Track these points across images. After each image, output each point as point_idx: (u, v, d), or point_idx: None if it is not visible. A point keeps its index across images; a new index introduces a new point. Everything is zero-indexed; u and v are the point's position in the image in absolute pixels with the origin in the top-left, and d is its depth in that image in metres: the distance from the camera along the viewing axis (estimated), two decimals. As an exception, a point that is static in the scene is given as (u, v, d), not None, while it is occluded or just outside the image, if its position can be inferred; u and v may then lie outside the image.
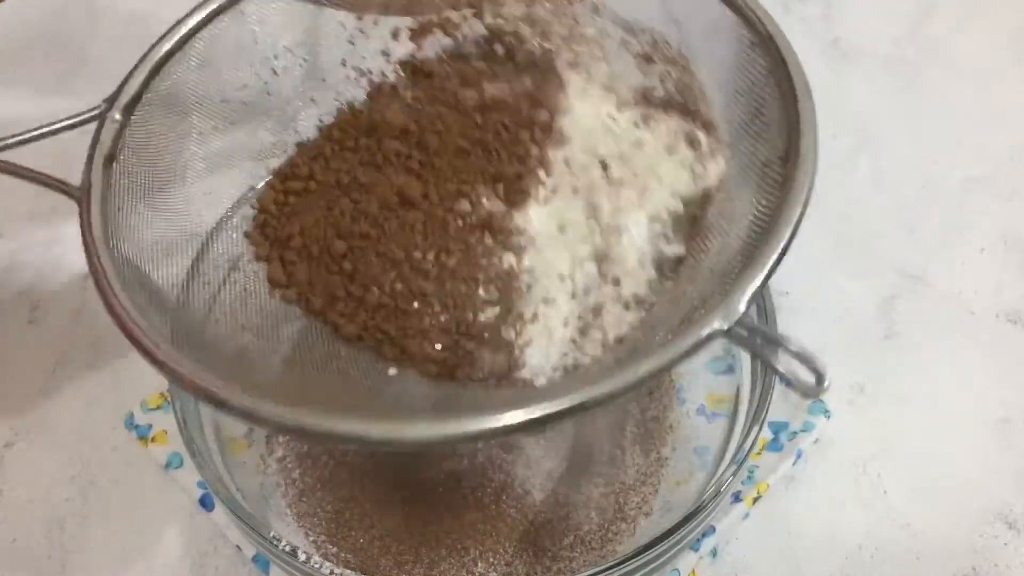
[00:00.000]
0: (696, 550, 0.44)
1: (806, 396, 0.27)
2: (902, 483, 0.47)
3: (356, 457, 0.47)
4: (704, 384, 0.48)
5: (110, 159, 0.35)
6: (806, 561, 0.45)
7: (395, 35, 0.41)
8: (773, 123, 0.34)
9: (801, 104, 0.33)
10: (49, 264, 0.58)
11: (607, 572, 0.36)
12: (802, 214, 0.31)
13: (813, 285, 0.55)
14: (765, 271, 0.29)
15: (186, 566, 0.46)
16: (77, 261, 0.58)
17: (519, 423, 0.27)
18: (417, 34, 0.41)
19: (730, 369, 0.46)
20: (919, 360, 0.52)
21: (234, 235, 0.39)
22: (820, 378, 0.26)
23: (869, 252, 0.58)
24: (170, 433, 0.49)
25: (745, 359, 0.44)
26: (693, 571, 0.44)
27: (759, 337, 0.28)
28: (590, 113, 0.37)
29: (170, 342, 0.31)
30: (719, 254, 0.34)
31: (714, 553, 0.45)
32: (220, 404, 0.29)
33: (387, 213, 0.34)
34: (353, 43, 0.42)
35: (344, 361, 0.34)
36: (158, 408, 0.50)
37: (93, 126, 0.36)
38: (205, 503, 0.47)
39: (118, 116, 0.36)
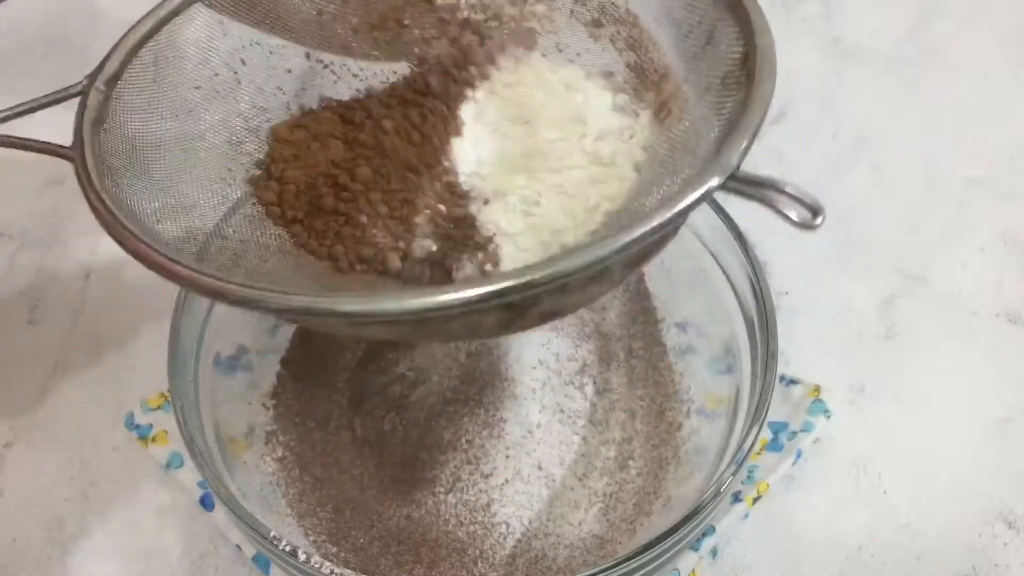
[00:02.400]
0: (696, 550, 0.44)
1: (805, 228, 0.28)
2: (902, 483, 0.47)
3: (357, 456, 0.47)
4: (704, 384, 0.48)
5: (98, 122, 0.36)
6: (806, 561, 0.45)
7: (355, 31, 0.43)
8: (726, 40, 0.36)
9: (750, 10, 0.35)
10: (49, 264, 0.59)
11: (607, 572, 0.36)
12: (772, 88, 0.32)
13: (813, 285, 0.55)
14: (752, 128, 0.31)
15: (186, 566, 0.46)
16: (77, 261, 0.58)
17: (521, 283, 0.28)
18: (374, 28, 0.43)
19: (730, 369, 0.46)
20: (919, 360, 0.52)
21: (217, 197, 0.40)
22: (815, 210, 0.28)
23: (869, 252, 0.58)
24: (170, 433, 0.49)
25: (745, 359, 0.44)
26: (693, 571, 0.44)
27: (753, 186, 0.30)
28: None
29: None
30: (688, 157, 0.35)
31: (714, 553, 0.45)
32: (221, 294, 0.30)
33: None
34: (315, 34, 0.43)
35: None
36: (158, 408, 0.50)
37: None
38: (205, 503, 0.47)
39: (102, 87, 0.37)
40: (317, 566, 0.36)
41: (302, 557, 0.36)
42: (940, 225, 0.59)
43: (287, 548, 0.36)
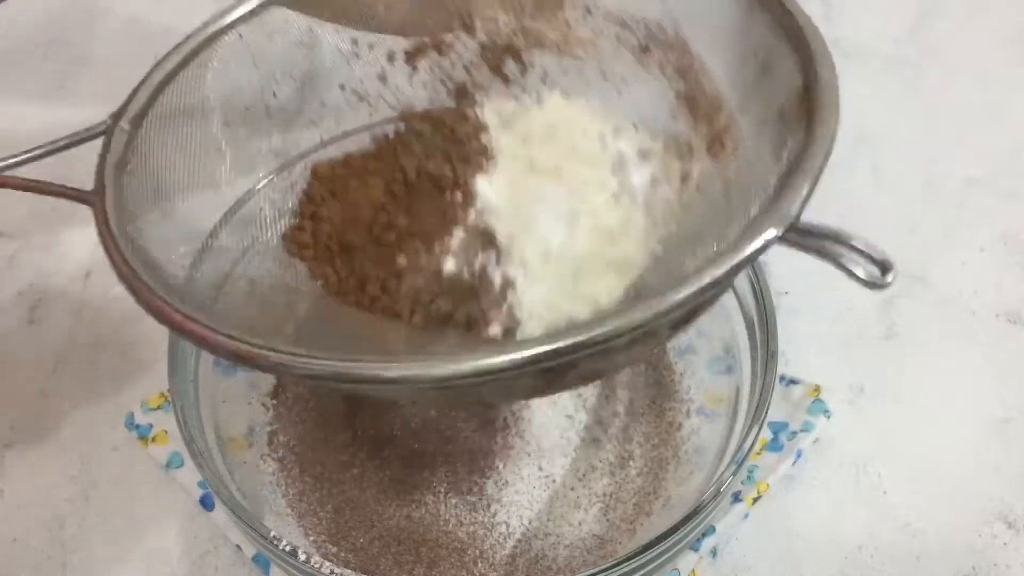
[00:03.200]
0: (696, 550, 0.44)
1: (874, 287, 0.26)
2: (902, 483, 0.47)
3: (357, 456, 0.47)
4: (704, 384, 0.48)
5: (122, 164, 0.35)
6: (806, 561, 0.45)
7: (391, 58, 0.42)
8: (785, 69, 0.33)
9: (811, 38, 0.32)
10: (49, 264, 0.59)
11: (607, 572, 0.36)
12: (836, 127, 0.30)
13: (813, 285, 0.55)
14: (814, 173, 0.28)
15: (186, 566, 0.46)
16: (77, 261, 0.58)
17: (558, 348, 0.26)
18: (412, 56, 0.42)
19: (730, 369, 0.46)
20: (919, 360, 0.52)
21: (239, 236, 0.40)
22: (885, 267, 0.26)
23: (869, 252, 0.57)
24: (170, 433, 0.49)
25: (745, 359, 0.44)
26: (693, 571, 0.44)
27: (816, 238, 0.27)
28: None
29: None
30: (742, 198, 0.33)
31: (714, 553, 0.45)
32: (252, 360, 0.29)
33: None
34: (350, 66, 0.43)
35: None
36: (158, 408, 0.50)
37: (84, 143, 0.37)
38: (205, 503, 0.47)
39: (127, 126, 0.36)
40: (317, 566, 0.36)
41: (302, 557, 0.36)
42: (940, 225, 0.59)
43: (287, 548, 0.36)
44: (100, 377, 0.53)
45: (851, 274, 0.26)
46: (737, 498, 0.45)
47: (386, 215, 0.37)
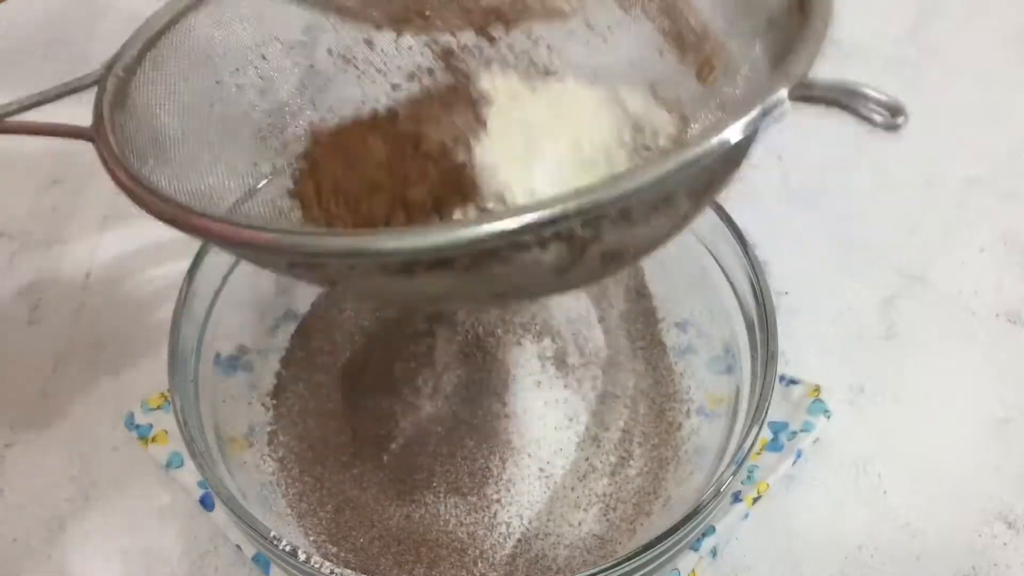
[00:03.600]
0: (696, 550, 0.44)
1: (889, 129, 0.27)
2: (902, 483, 0.47)
3: (357, 456, 0.47)
4: (704, 384, 0.48)
5: (118, 105, 0.36)
6: (806, 561, 0.45)
7: (377, 25, 0.43)
8: None
9: None
10: (49, 264, 0.59)
11: (607, 572, 0.36)
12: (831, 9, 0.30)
13: (813, 285, 0.55)
14: (817, 35, 0.29)
15: (186, 566, 0.46)
16: (77, 261, 0.58)
17: (566, 210, 0.25)
18: (398, 21, 0.42)
19: (729, 369, 0.46)
20: (919, 360, 0.52)
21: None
22: (895, 109, 0.27)
23: (869, 252, 0.58)
24: (170, 433, 0.49)
25: (745, 359, 0.44)
26: (693, 571, 0.44)
27: (824, 91, 0.28)
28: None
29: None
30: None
31: (714, 553, 0.45)
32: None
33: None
34: (337, 31, 0.43)
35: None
36: (158, 408, 0.50)
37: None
38: (205, 503, 0.47)
39: (121, 72, 0.36)
40: (317, 566, 0.36)
41: (302, 557, 0.36)
42: (940, 225, 0.59)
43: (287, 548, 0.36)
44: (100, 377, 0.53)
45: (865, 119, 0.27)
46: (737, 498, 0.45)
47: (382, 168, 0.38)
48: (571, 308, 0.50)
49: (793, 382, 0.50)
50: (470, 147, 0.36)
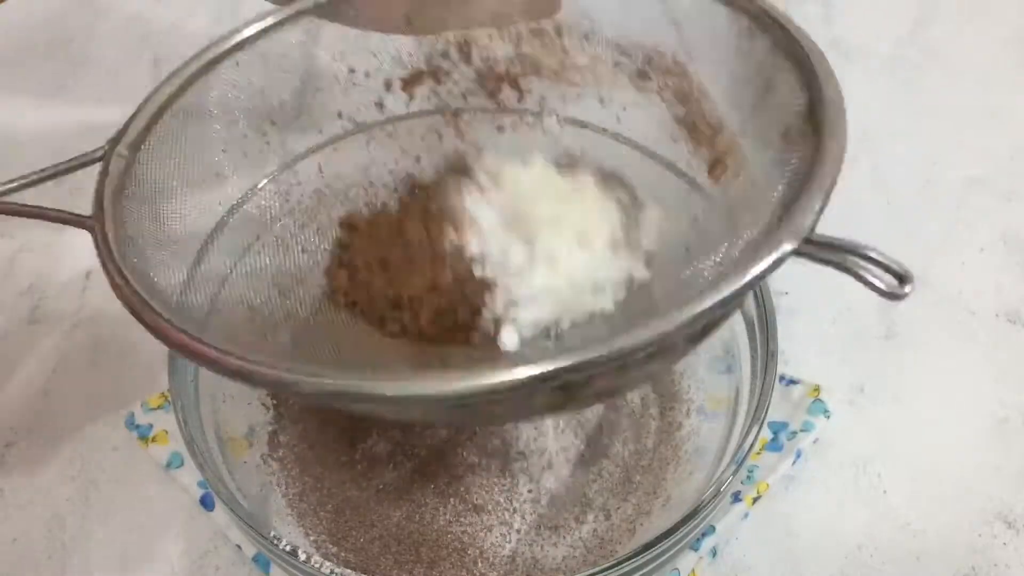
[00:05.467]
0: (696, 550, 0.44)
1: (894, 298, 0.26)
2: (902, 483, 0.47)
3: (356, 457, 0.47)
4: (703, 384, 0.48)
5: (120, 190, 0.35)
6: (806, 561, 0.45)
7: (388, 86, 0.43)
8: (787, 89, 0.33)
9: (812, 56, 0.32)
10: (49, 264, 0.59)
11: (607, 572, 0.36)
12: (844, 142, 0.30)
13: (813, 285, 0.55)
14: (825, 187, 0.29)
15: (186, 566, 0.46)
16: (77, 261, 0.58)
17: (577, 362, 0.26)
18: (408, 84, 0.43)
19: (729, 369, 0.46)
20: (919, 360, 0.52)
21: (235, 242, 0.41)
22: (904, 278, 0.26)
23: (869, 252, 0.57)
24: (170, 433, 0.49)
25: (745, 359, 0.44)
26: (693, 571, 0.44)
27: (831, 250, 0.27)
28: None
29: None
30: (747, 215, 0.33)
31: (714, 553, 0.45)
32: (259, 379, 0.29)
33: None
34: (347, 94, 0.43)
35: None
36: (158, 408, 0.50)
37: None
38: (205, 503, 0.47)
39: (125, 152, 0.36)
40: (317, 566, 0.36)
41: (302, 557, 0.36)
42: (940, 225, 0.59)
43: (287, 548, 0.36)
44: (100, 377, 0.53)
45: (870, 285, 0.26)
46: (737, 498, 0.45)
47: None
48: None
49: (793, 382, 0.50)
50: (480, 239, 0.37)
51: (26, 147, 0.63)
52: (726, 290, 0.27)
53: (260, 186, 0.42)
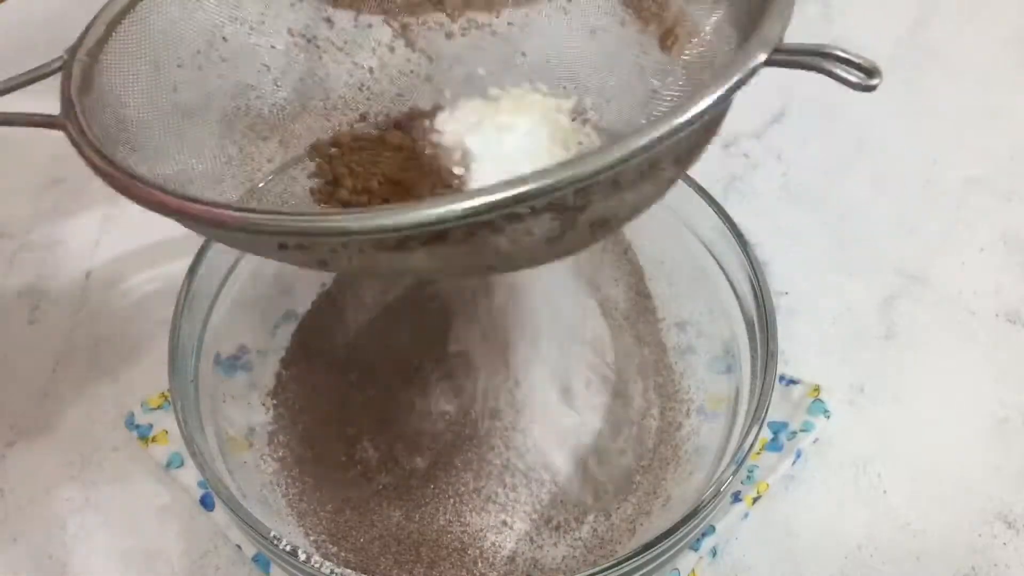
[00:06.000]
0: (696, 550, 0.44)
1: (864, 90, 0.27)
2: (902, 483, 0.47)
3: (356, 457, 0.47)
4: (704, 384, 0.48)
5: (85, 90, 0.35)
6: (806, 561, 0.45)
7: (334, 1, 0.43)
8: None
9: None
10: (49, 264, 0.59)
11: (607, 572, 0.36)
12: None
13: (813, 285, 0.55)
14: (785, 3, 0.30)
15: (186, 566, 0.46)
16: (77, 261, 0.58)
17: (577, 174, 0.26)
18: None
19: (729, 369, 0.46)
20: (919, 360, 0.52)
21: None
22: (871, 71, 0.27)
23: (869, 252, 0.58)
24: (170, 433, 0.49)
25: (745, 359, 0.44)
26: (693, 571, 0.44)
27: (800, 55, 0.29)
28: None
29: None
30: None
31: (714, 553, 0.45)
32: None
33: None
34: (295, 7, 0.43)
35: None
36: (158, 408, 0.50)
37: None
38: (205, 503, 0.47)
39: (85, 56, 0.36)
40: (317, 566, 0.36)
41: (302, 557, 0.36)
42: (940, 225, 0.59)
43: (287, 548, 0.36)
44: (100, 377, 0.53)
45: (842, 80, 0.28)
46: (737, 498, 0.45)
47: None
48: (574, 309, 0.50)
49: (793, 382, 0.50)
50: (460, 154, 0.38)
51: (27, 148, 0.63)
52: (709, 97, 0.28)
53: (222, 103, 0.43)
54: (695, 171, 0.37)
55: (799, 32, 0.36)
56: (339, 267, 0.33)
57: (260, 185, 0.43)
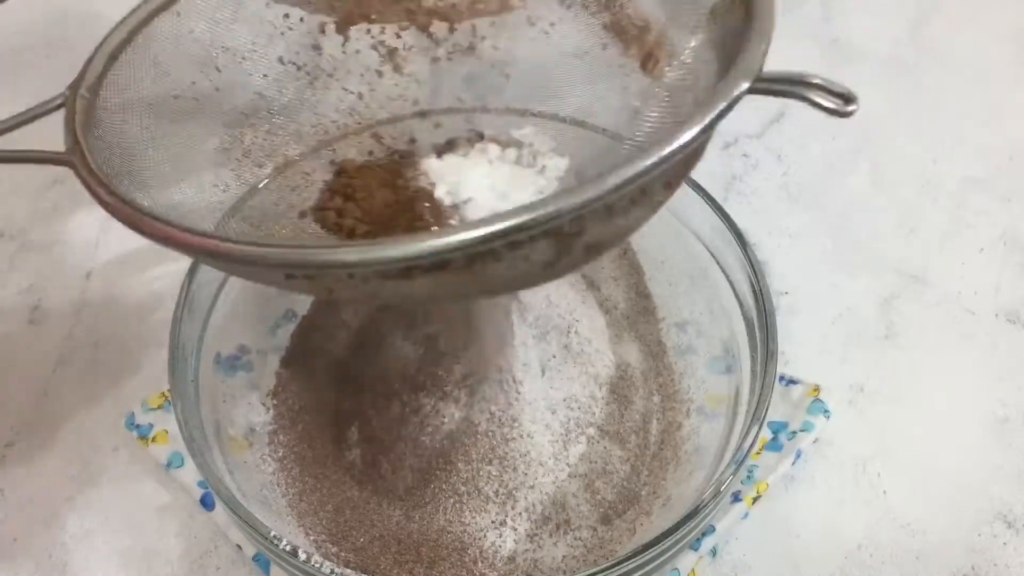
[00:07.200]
0: (696, 550, 0.44)
1: (840, 116, 0.29)
2: (902, 483, 0.47)
3: (356, 457, 0.47)
4: (704, 384, 0.48)
5: (88, 126, 0.36)
6: (806, 561, 0.45)
7: (322, 29, 0.44)
8: None
9: None
10: (49, 264, 0.59)
11: (607, 572, 0.36)
12: None
13: (813, 285, 0.55)
14: (766, 31, 0.31)
15: (186, 566, 0.46)
16: (77, 261, 0.58)
17: (570, 205, 0.27)
18: (342, 26, 0.44)
19: (729, 369, 0.46)
20: (919, 360, 0.52)
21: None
22: (847, 98, 0.29)
23: (869, 252, 0.58)
24: (170, 433, 0.49)
25: (745, 359, 0.44)
26: (693, 571, 0.44)
27: (781, 84, 0.30)
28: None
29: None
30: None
31: (714, 553, 0.45)
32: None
33: None
34: (284, 36, 0.44)
35: None
36: (158, 408, 0.50)
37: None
38: (205, 503, 0.47)
39: (87, 93, 0.37)
40: (317, 566, 0.36)
41: (302, 557, 0.36)
42: (940, 225, 0.59)
43: (287, 548, 0.36)
44: (100, 377, 0.53)
45: (819, 107, 0.29)
46: (737, 498, 0.45)
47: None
48: (574, 310, 0.50)
49: (793, 382, 0.50)
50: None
51: (25, 147, 0.63)
52: (694, 128, 0.29)
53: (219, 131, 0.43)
54: (695, 171, 0.37)
55: (799, 32, 0.37)
56: (344, 295, 0.34)
57: (253, 205, 0.43)
